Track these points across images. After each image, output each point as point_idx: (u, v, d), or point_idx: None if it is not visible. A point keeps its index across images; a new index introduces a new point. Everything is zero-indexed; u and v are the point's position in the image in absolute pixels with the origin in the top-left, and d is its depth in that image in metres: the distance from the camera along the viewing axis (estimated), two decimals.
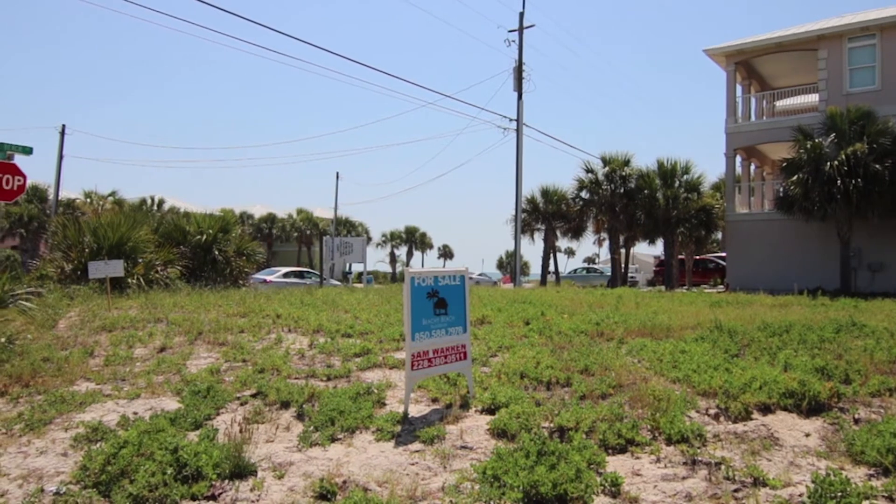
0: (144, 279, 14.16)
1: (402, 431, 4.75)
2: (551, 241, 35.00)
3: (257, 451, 4.45)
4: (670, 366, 6.35)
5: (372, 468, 4.12)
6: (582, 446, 4.11)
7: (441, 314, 5.38)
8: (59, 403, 5.75)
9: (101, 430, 5.00)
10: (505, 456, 3.94)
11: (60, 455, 4.78)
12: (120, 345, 7.96)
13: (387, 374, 6.42)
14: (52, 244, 16.75)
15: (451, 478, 3.94)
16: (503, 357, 7.04)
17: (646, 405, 5.02)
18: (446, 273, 5.53)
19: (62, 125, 38.09)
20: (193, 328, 8.69)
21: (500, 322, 9.44)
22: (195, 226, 18.16)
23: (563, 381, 5.90)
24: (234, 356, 7.22)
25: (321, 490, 3.80)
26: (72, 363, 7.13)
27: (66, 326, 9.37)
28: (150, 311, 10.17)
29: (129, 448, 4.35)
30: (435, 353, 5.29)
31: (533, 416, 4.75)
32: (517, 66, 29.14)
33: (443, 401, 5.47)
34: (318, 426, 4.85)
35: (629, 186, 29.60)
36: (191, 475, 4.00)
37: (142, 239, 15.31)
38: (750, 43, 24.26)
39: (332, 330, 8.58)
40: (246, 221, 52.95)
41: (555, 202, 33.83)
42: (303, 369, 6.61)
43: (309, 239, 58.17)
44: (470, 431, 4.71)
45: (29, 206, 41.94)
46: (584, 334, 8.27)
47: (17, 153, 12.80)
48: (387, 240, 64.55)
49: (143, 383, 6.34)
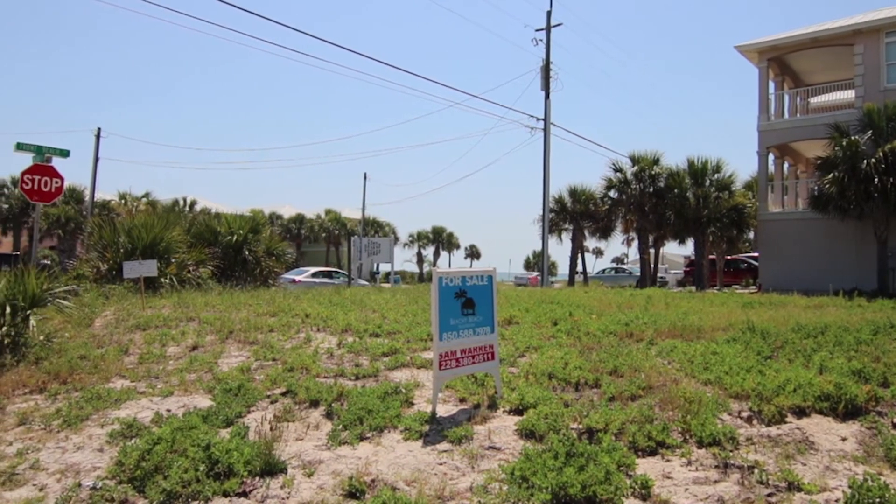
0: (177, 279, 14.41)
1: (430, 431, 4.76)
2: (579, 241, 34.76)
3: (287, 449, 4.50)
4: (701, 367, 6.26)
5: (400, 467, 4.14)
6: (611, 448, 4.07)
7: (469, 314, 5.37)
8: (96, 400, 5.89)
9: (135, 426, 5.11)
10: (533, 457, 3.93)
11: (97, 451, 4.90)
12: (154, 343, 8.12)
13: (414, 374, 6.44)
14: (88, 244, 17.14)
15: (479, 478, 3.94)
16: (531, 357, 7.01)
17: (676, 407, 4.96)
18: (474, 273, 5.53)
19: (97, 128, 39.00)
20: (224, 327, 8.82)
21: (527, 322, 9.40)
22: (226, 226, 18.41)
23: (591, 383, 5.86)
24: (264, 355, 7.31)
25: (350, 488, 3.83)
26: (107, 361, 7.30)
27: (102, 325, 9.59)
28: (182, 311, 10.35)
29: (162, 444, 4.44)
30: (462, 353, 5.29)
31: (561, 417, 4.72)
32: (544, 65, 28.98)
33: (470, 401, 5.47)
34: (346, 425, 4.89)
35: (658, 185, 29.22)
36: (222, 472, 4.07)
37: (174, 239, 15.58)
38: (783, 39, 23.78)
39: (361, 329, 8.64)
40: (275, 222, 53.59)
41: (583, 202, 33.59)
42: (331, 368, 6.67)
43: (337, 239, 58.62)
44: (498, 432, 4.70)
45: (66, 207, 43.03)
46: (613, 335, 8.19)
47: (54, 156, 13.16)
48: (414, 240, 64.77)
49: (176, 381, 6.45)
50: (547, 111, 28.82)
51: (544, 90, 28.93)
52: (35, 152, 12.87)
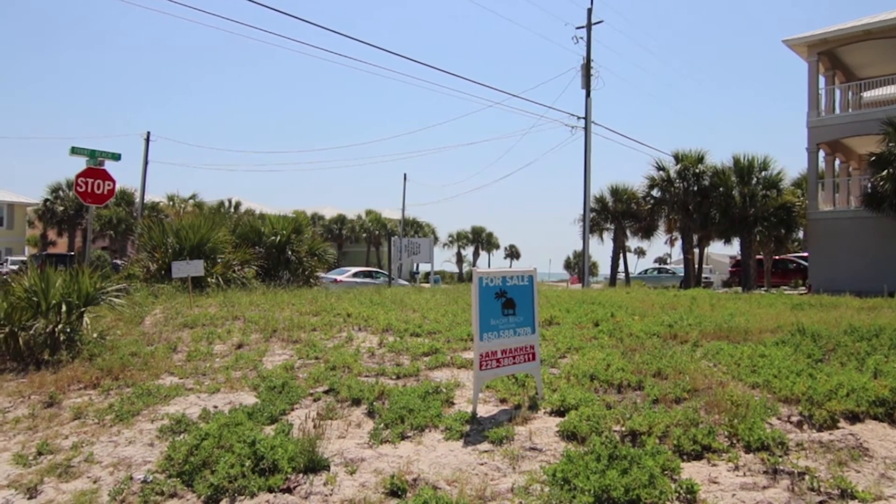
0: (223, 278, 14.74)
1: (471, 431, 4.76)
2: (621, 241, 34.28)
3: (330, 447, 4.56)
4: (749, 370, 6.11)
5: (441, 467, 4.15)
6: (655, 451, 4.01)
7: (509, 314, 5.36)
8: (146, 396, 6.07)
9: (184, 422, 5.25)
10: (575, 459, 3.90)
11: (147, 445, 5.05)
12: (201, 341, 8.33)
13: (455, 374, 6.45)
14: (138, 245, 17.67)
15: (520, 479, 3.92)
16: (572, 358, 6.95)
17: (723, 411, 4.85)
18: (514, 273, 5.51)
19: (147, 132, 40.19)
20: (269, 326, 8.99)
21: (568, 323, 9.32)
22: (270, 227, 18.75)
23: (634, 385, 5.77)
24: (307, 353, 7.42)
25: (392, 487, 3.86)
26: (157, 358, 7.52)
27: (152, 323, 9.87)
28: (228, 309, 10.59)
29: (210, 440, 4.55)
30: (503, 353, 5.28)
31: (604, 419, 4.67)
32: (585, 64, 28.69)
33: (511, 401, 5.46)
34: (388, 424, 4.93)
35: (703, 184, 28.61)
36: (267, 468, 4.15)
37: (220, 240, 15.94)
38: (834, 32, 23.01)
39: (401, 329, 8.69)
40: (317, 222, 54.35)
41: (624, 201, 33.10)
42: (373, 367, 6.73)
43: (377, 239, 59.12)
44: (539, 433, 4.68)
45: (117, 209, 44.49)
46: (657, 336, 8.06)
47: (106, 159, 13.62)
48: (453, 240, 64.87)
49: (222, 378, 6.61)
50: (588, 109, 28.53)
51: (585, 88, 28.64)
52: (88, 156, 13.34)
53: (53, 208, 45.59)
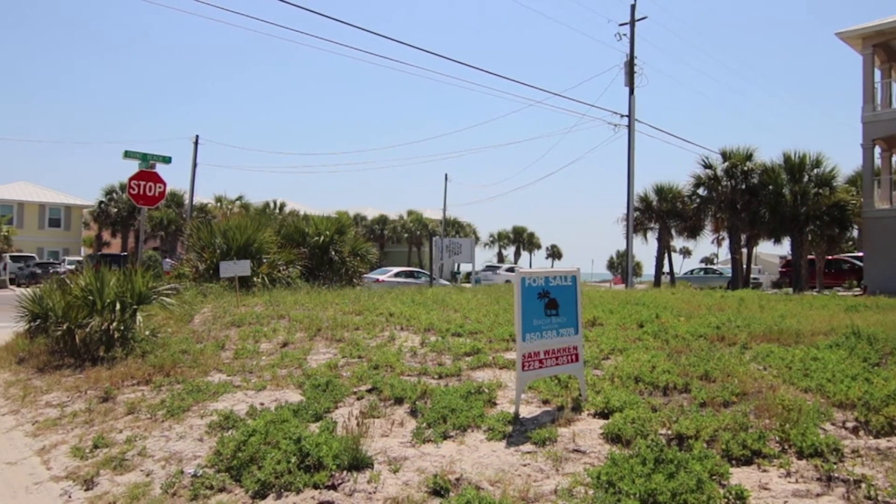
0: (268, 278, 15.04)
1: (514, 432, 4.74)
2: (666, 241, 33.64)
3: (373, 445, 4.61)
4: (801, 374, 5.92)
5: (484, 467, 4.15)
6: (703, 456, 3.92)
7: (552, 315, 5.32)
8: (196, 392, 6.24)
9: (232, 418, 5.38)
10: (620, 462, 3.84)
11: (197, 440, 5.19)
12: (247, 339, 8.51)
13: (497, 374, 6.43)
14: (187, 245, 18.17)
15: (563, 481, 3.89)
16: (616, 360, 6.86)
17: (774, 415, 4.71)
18: (557, 273, 5.46)
19: (195, 136, 41.23)
20: (313, 325, 9.13)
21: (612, 324, 9.20)
22: (313, 227, 19.03)
23: (680, 387, 5.66)
24: (350, 352, 7.51)
25: (435, 486, 3.88)
26: (206, 355, 7.72)
27: (201, 321, 10.14)
28: (273, 309, 10.79)
29: (256, 436, 4.65)
30: (546, 354, 5.24)
31: (649, 422, 4.59)
32: (628, 61, 28.23)
33: (554, 402, 5.41)
34: (430, 423, 4.95)
35: (752, 182, 27.85)
36: (312, 465, 4.22)
37: (266, 240, 16.26)
38: (890, 23, 22.10)
39: (443, 329, 8.71)
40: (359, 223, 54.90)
41: (669, 200, 32.46)
42: (415, 367, 6.77)
43: (419, 239, 59.39)
44: (582, 435, 4.63)
45: (168, 210, 45.83)
46: (704, 338, 7.88)
47: (158, 162, 14.04)
48: (494, 240, 64.72)
49: (268, 376, 6.74)
50: (631, 107, 28.08)
51: (628, 86, 28.19)
52: (141, 159, 13.79)
53: (108, 210, 47.26)
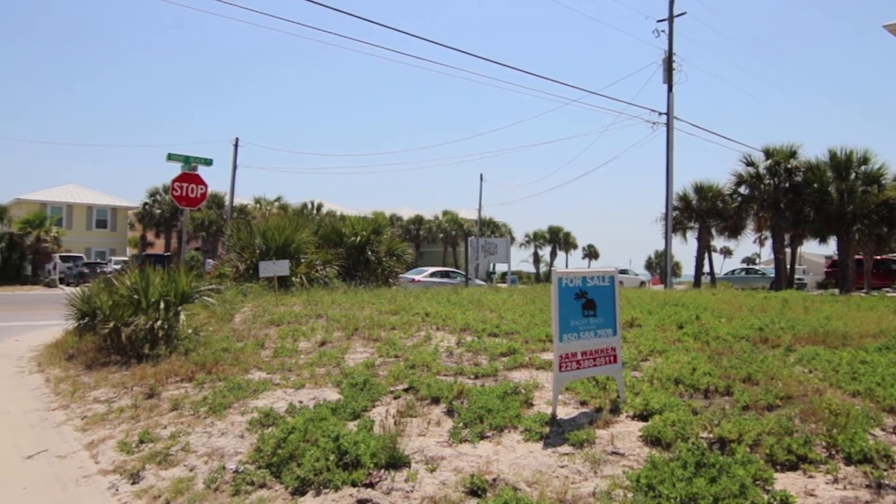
0: (306, 278, 15.25)
1: (551, 433, 4.71)
2: (705, 241, 33.02)
3: (410, 444, 4.63)
4: (848, 377, 5.75)
5: (521, 468, 4.13)
6: (746, 460, 3.84)
7: (590, 315, 5.27)
8: (237, 390, 6.37)
9: (272, 415, 5.47)
10: (660, 465, 3.79)
11: (238, 437, 5.29)
12: (286, 338, 8.64)
13: (533, 375, 6.40)
14: (228, 246, 18.55)
15: (602, 483, 3.85)
16: (655, 361, 6.76)
17: (820, 420, 4.58)
18: (595, 273, 5.41)
19: (236, 138, 42.08)
20: (350, 324, 9.22)
21: (650, 325, 9.07)
22: (350, 228, 19.23)
23: (722, 390, 5.55)
24: (387, 352, 7.57)
25: (472, 486, 3.88)
26: (246, 354, 7.87)
27: (241, 320, 10.34)
28: (311, 308, 10.94)
29: (296, 434, 4.72)
30: (583, 355, 5.20)
31: (690, 425, 4.51)
32: (667, 57, 27.79)
33: (592, 404, 5.36)
34: (467, 423, 4.95)
35: (795, 180, 27.15)
36: (350, 462, 4.26)
37: (304, 240, 16.50)
38: None
39: (479, 329, 8.71)
40: (395, 223, 55.24)
41: (709, 199, 31.87)
42: (451, 367, 6.78)
43: (454, 239, 59.47)
44: (621, 437, 4.58)
45: (209, 211, 46.87)
46: (746, 340, 7.71)
47: (199, 164, 14.37)
48: (530, 240, 64.33)
49: (307, 374, 6.84)
50: (670, 105, 27.63)
51: (667, 83, 27.75)
52: (183, 162, 14.13)
53: (151, 211, 48.56)
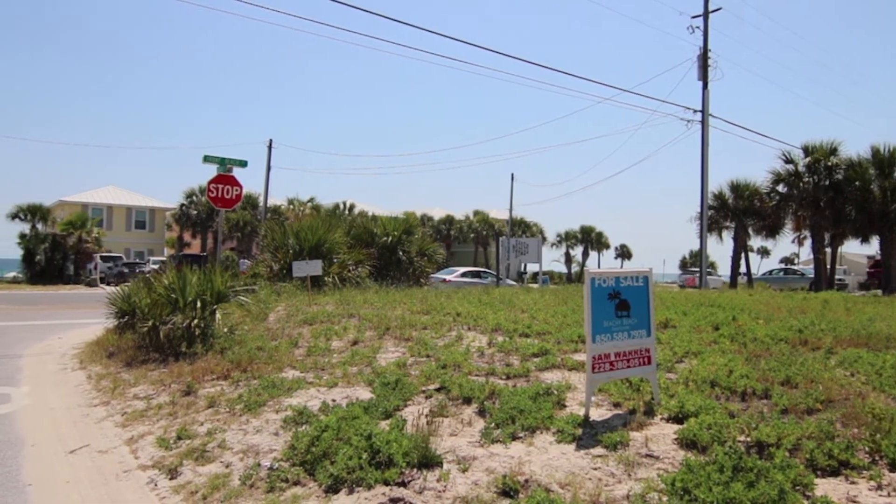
0: (339, 277, 15.40)
1: (584, 435, 4.68)
2: (742, 240, 32.37)
3: (442, 444, 4.64)
4: (893, 381, 5.57)
5: (553, 469, 4.11)
6: (785, 465, 3.75)
7: (623, 316, 5.21)
8: (271, 388, 6.46)
9: (305, 413, 5.53)
10: (696, 468, 3.72)
11: (272, 434, 5.37)
12: (319, 337, 8.73)
13: (566, 376, 6.36)
14: (262, 246, 18.83)
15: (636, 486, 3.81)
16: (690, 363, 6.65)
17: (863, 424, 4.45)
18: (629, 274, 5.35)
19: (269, 140, 42.67)
20: (382, 324, 9.28)
21: (685, 326, 8.92)
22: (382, 228, 19.35)
23: (760, 393, 5.43)
24: (418, 351, 7.59)
25: (504, 487, 3.87)
26: (280, 352, 7.98)
27: (275, 319, 10.48)
28: (344, 307, 11.03)
29: (329, 432, 4.77)
30: (617, 356, 5.14)
31: (727, 429, 4.43)
32: (701, 54, 27.30)
33: (625, 406, 5.30)
34: (499, 423, 4.94)
35: (836, 178, 26.44)
36: (383, 461, 4.29)
37: (336, 241, 16.65)
38: None
39: (510, 329, 8.68)
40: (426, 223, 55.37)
41: (746, 197, 31.22)
42: (483, 367, 6.77)
43: (485, 239, 59.37)
44: (655, 440, 4.52)
45: (243, 212, 47.64)
46: (784, 342, 7.53)
47: (235, 166, 14.60)
48: (562, 240, 63.85)
49: (339, 373, 6.90)
50: (705, 102, 27.14)
51: (702, 80, 27.26)
52: (219, 163, 14.37)
53: (188, 212, 49.54)
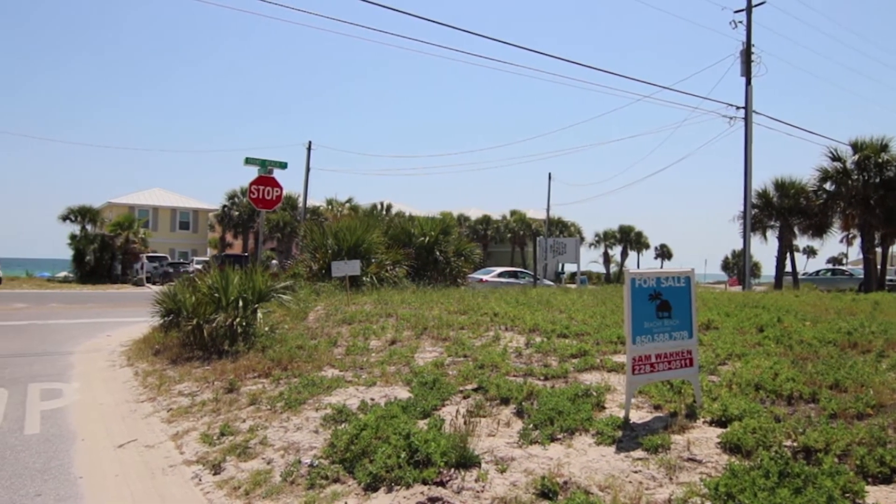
0: (377, 277, 15.53)
1: (624, 437, 4.62)
2: (787, 240, 31.49)
3: (480, 444, 4.64)
4: None
5: (593, 471, 4.07)
6: (834, 471, 3.64)
7: (664, 317, 5.13)
8: (311, 386, 6.55)
9: (344, 412, 5.59)
10: (740, 473, 3.64)
11: (312, 432, 5.44)
12: (358, 336, 8.82)
13: (605, 377, 6.29)
14: (301, 246, 19.11)
15: (678, 490, 3.74)
16: (734, 366, 6.51)
17: None
18: (670, 274, 5.26)
19: (309, 141, 43.25)
20: (419, 324, 9.32)
21: (728, 328, 8.73)
22: (419, 228, 19.43)
23: (807, 397, 5.28)
24: (455, 351, 7.60)
25: (542, 488, 3.85)
26: (320, 351, 8.08)
27: (314, 318, 10.62)
28: (381, 307, 11.12)
29: (368, 431, 4.82)
30: (657, 357, 5.07)
31: (772, 433, 4.32)
32: (745, 49, 26.65)
33: (666, 408, 5.22)
34: (537, 424, 4.91)
35: (887, 175, 25.54)
36: (421, 460, 4.31)
37: (374, 241, 16.79)
38: None
39: (548, 330, 8.63)
40: (463, 223, 55.39)
41: (791, 196, 30.36)
42: (520, 367, 6.75)
43: (522, 239, 59.08)
44: (697, 443, 4.43)
45: (283, 213, 48.40)
46: (833, 345, 7.31)
47: (275, 168, 14.86)
48: (600, 239, 63.10)
49: (378, 372, 6.96)
50: (748, 99, 26.49)
51: (745, 76, 26.60)
52: (260, 165, 14.64)
53: (230, 213, 50.55)
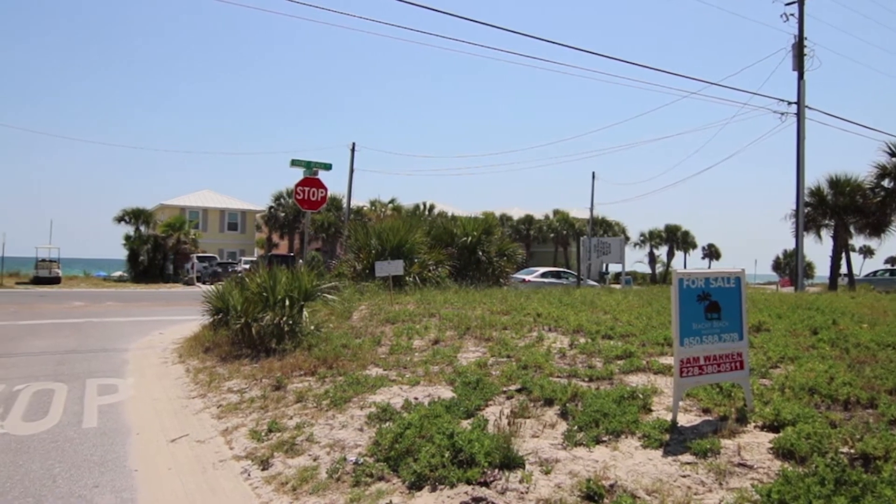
0: (419, 277, 15.60)
1: (671, 440, 4.53)
2: (843, 239, 30.35)
3: (524, 445, 4.62)
4: None
5: (640, 475, 4.01)
6: (894, 479, 3.50)
7: (713, 319, 5.01)
8: (356, 385, 6.63)
9: (388, 410, 5.64)
10: (794, 480, 3.54)
11: (357, 430, 5.51)
12: (401, 336, 8.88)
13: (651, 379, 6.18)
14: (345, 246, 19.36)
15: (728, 496, 3.65)
16: (786, 369, 6.31)
17: None
18: (719, 274, 5.14)
19: (353, 143, 43.74)
20: (462, 324, 9.33)
21: (780, 330, 8.47)
22: (461, 228, 19.44)
23: (864, 402, 5.09)
24: (498, 351, 7.58)
25: (588, 491, 3.81)
26: (364, 350, 8.17)
27: (359, 318, 10.74)
28: (424, 307, 11.17)
29: (412, 430, 4.85)
30: (706, 360, 4.96)
31: (828, 439, 4.18)
32: (797, 43, 25.80)
33: (715, 412, 5.10)
34: (581, 426, 4.86)
35: None
36: (465, 460, 4.32)
37: (417, 241, 16.89)
38: None
39: (592, 331, 8.52)
40: (505, 223, 55.17)
41: (847, 193, 29.24)
42: (564, 368, 6.69)
43: (565, 239, 58.52)
44: (748, 448, 4.32)
45: (328, 214, 49.10)
46: (892, 348, 7.02)
47: (320, 169, 15.08)
48: (645, 239, 61.98)
49: (421, 372, 7.00)
50: (800, 93, 25.65)
51: (797, 70, 25.76)
52: (305, 167, 14.89)
53: (276, 214, 51.54)
